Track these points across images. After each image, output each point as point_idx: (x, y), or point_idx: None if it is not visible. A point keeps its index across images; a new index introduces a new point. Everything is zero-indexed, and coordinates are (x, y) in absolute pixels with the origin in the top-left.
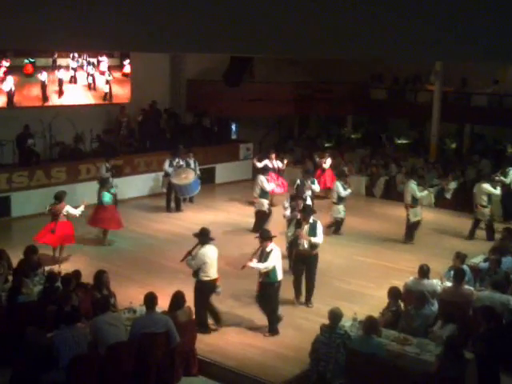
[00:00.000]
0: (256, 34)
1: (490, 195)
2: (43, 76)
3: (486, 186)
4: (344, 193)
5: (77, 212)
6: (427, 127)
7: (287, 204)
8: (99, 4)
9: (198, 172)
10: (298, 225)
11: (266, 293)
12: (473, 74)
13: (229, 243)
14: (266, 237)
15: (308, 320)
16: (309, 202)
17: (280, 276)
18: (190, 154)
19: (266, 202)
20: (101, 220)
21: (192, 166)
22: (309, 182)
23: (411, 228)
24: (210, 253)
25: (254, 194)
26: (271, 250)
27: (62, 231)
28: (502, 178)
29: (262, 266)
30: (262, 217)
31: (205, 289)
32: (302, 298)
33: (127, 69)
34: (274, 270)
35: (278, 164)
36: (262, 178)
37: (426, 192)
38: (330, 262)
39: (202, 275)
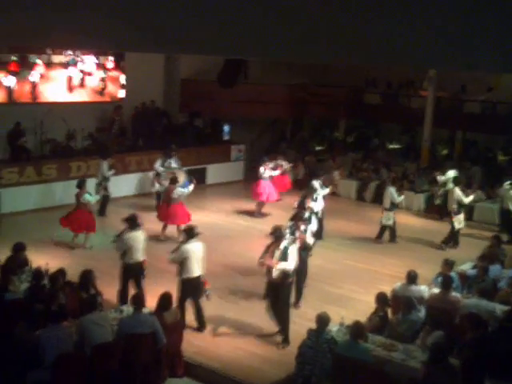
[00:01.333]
0: (251, 37)
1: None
2: (34, 75)
3: (458, 193)
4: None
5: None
6: (419, 132)
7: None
8: (95, 3)
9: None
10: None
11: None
12: (467, 80)
13: (218, 244)
14: (279, 235)
15: (295, 324)
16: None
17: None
18: (174, 154)
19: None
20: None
21: (174, 165)
22: (309, 200)
23: (382, 230)
24: (138, 238)
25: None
26: (286, 247)
27: (85, 219)
28: (442, 177)
29: (288, 266)
30: None
31: (129, 270)
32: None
33: (110, 65)
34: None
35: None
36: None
37: (402, 197)
38: (319, 266)
39: (126, 258)
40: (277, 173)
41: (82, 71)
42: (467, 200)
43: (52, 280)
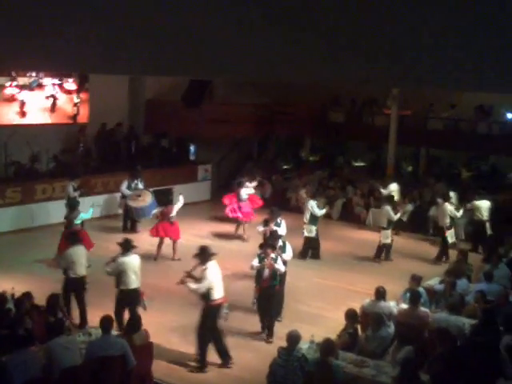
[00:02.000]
0: (215, 58)
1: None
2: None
3: (450, 208)
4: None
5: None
6: (384, 150)
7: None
8: (59, 26)
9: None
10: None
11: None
12: (431, 98)
13: (187, 264)
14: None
15: (266, 342)
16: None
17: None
18: (138, 176)
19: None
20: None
21: (140, 187)
22: (272, 224)
23: (381, 249)
24: (77, 252)
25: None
26: (206, 269)
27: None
28: (382, 189)
29: (195, 287)
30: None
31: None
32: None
33: (70, 86)
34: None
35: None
36: None
37: (324, 210)
38: (288, 284)
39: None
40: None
41: (50, 94)
42: (459, 214)
43: (17, 304)
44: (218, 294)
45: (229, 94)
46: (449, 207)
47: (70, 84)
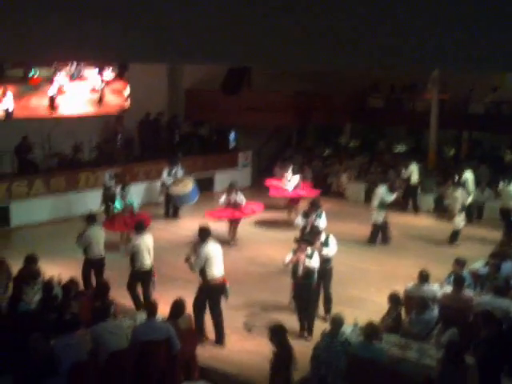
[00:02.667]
0: (256, 46)
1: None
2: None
3: (381, 191)
4: (469, 200)
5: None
6: (425, 134)
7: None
8: (99, 15)
9: None
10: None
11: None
12: (471, 81)
13: (228, 250)
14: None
15: (306, 340)
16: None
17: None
18: (178, 163)
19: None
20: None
21: (180, 174)
22: (313, 216)
23: (374, 229)
24: (97, 234)
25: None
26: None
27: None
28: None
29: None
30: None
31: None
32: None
33: (107, 76)
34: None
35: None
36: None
37: (394, 195)
38: None
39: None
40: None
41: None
42: (470, 199)
43: (64, 290)
44: (216, 274)
45: (267, 82)
46: (461, 192)
47: (109, 73)
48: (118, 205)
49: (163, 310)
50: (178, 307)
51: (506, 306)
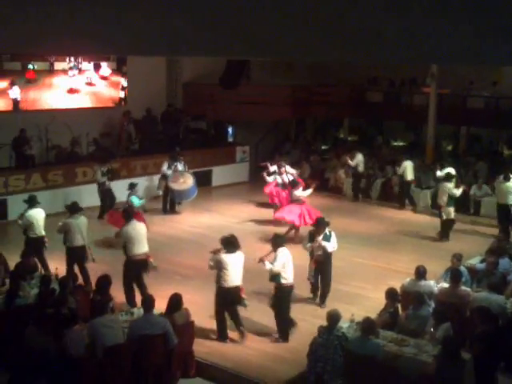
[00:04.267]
0: (253, 38)
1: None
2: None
3: (449, 186)
4: (458, 192)
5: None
6: (423, 129)
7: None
8: (97, 8)
9: None
10: (311, 239)
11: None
12: (470, 76)
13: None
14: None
15: (305, 321)
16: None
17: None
18: (179, 158)
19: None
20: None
21: (181, 169)
22: (319, 238)
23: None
24: (38, 215)
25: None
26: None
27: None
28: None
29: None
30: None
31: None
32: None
33: (105, 71)
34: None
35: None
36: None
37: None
38: None
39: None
40: (306, 193)
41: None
42: (458, 192)
43: (62, 284)
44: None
45: (266, 76)
46: (448, 185)
47: (106, 69)
48: (135, 201)
49: (160, 305)
50: (175, 302)
51: (502, 302)
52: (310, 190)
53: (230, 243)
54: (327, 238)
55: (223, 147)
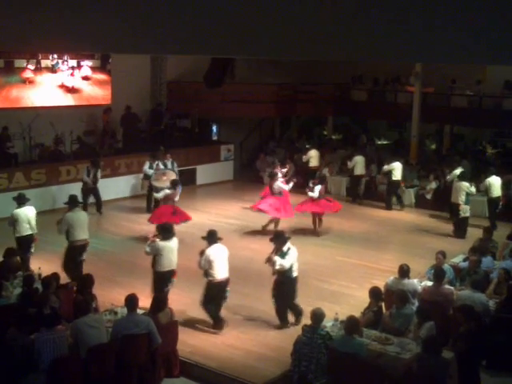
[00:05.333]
0: (237, 36)
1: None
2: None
3: (466, 185)
4: (474, 190)
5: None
6: (407, 128)
7: None
8: (82, 6)
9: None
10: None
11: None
12: (454, 75)
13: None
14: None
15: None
16: None
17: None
18: (167, 156)
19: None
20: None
21: (169, 167)
22: (273, 255)
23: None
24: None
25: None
26: (288, 249)
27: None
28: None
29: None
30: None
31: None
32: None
33: (86, 71)
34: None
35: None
36: None
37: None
38: (311, 262)
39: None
40: (288, 187)
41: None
42: (475, 190)
43: (45, 284)
44: (218, 275)
45: (250, 75)
46: (466, 184)
47: (86, 68)
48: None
49: (145, 304)
50: (158, 301)
51: (484, 300)
52: (291, 184)
53: (167, 230)
54: (283, 256)
55: (208, 145)
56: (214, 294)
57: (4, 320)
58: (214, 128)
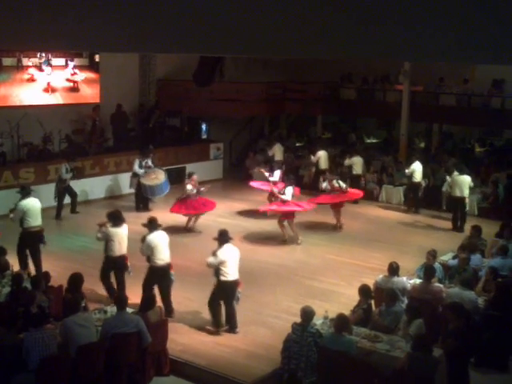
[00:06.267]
0: (226, 34)
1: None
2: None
3: (469, 179)
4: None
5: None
6: (396, 126)
7: None
8: (71, 5)
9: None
10: None
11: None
12: (442, 73)
13: (201, 242)
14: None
15: (279, 318)
16: None
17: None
18: (149, 155)
19: None
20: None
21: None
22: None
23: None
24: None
25: None
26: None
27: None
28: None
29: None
30: None
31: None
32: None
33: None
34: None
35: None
36: None
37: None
38: (301, 260)
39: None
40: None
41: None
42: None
43: (33, 283)
44: (230, 275)
45: (240, 73)
46: (468, 178)
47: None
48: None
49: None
50: (148, 300)
51: (473, 298)
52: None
53: (116, 217)
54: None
55: (197, 144)
56: (228, 294)
57: None
58: (204, 126)
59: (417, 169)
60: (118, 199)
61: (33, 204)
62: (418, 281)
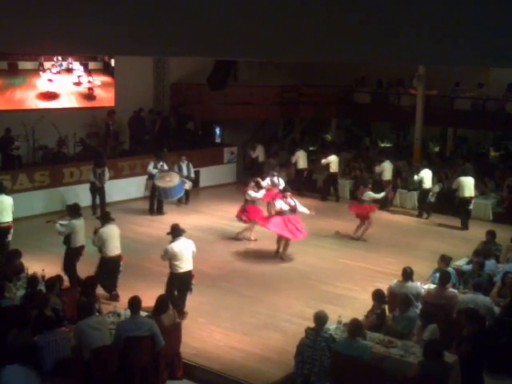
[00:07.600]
0: (241, 38)
1: None
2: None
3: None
4: None
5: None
6: (410, 130)
7: None
8: (86, 8)
9: (193, 175)
10: None
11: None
12: (457, 77)
13: (214, 246)
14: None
15: (292, 323)
16: None
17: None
18: (182, 158)
19: None
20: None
21: (184, 169)
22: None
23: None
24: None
25: None
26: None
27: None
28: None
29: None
30: None
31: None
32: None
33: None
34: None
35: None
36: None
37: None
38: (314, 265)
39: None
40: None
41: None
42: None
43: (48, 286)
44: (182, 268)
45: (254, 77)
46: (473, 180)
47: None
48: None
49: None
50: (162, 303)
51: (488, 303)
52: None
53: (74, 210)
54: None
55: (211, 148)
56: (181, 286)
57: (7, 321)
58: (218, 130)
59: (425, 176)
60: (133, 202)
61: (2, 200)
62: (432, 286)
